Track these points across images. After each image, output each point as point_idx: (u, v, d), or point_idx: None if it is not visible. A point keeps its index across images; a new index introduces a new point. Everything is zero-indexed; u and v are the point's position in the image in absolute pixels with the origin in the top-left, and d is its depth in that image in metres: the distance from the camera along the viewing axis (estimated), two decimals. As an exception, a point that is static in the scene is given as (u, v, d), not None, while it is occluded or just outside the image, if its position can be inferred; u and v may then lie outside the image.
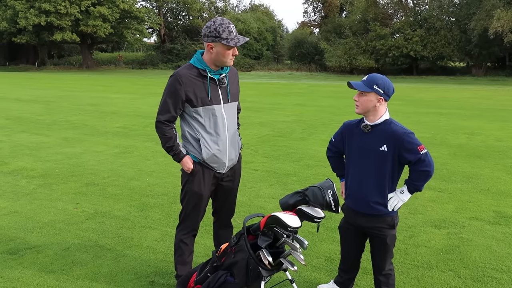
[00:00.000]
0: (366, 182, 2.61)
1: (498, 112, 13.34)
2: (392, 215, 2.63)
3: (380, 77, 2.55)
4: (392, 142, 2.51)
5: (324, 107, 14.37)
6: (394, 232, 2.67)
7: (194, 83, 2.68)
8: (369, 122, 2.59)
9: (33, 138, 8.61)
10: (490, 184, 5.60)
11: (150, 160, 6.83)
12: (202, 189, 2.83)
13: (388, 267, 2.75)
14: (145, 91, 21.19)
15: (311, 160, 6.91)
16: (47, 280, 3.15)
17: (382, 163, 2.55)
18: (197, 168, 2.79)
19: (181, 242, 2.96)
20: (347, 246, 2.89)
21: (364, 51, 39.13)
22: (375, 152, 2.55)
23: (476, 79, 32.96)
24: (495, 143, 8.33)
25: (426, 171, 2.49)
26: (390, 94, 2.55)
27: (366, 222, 2.67)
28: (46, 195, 5.06)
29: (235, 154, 2.90)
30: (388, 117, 2.59)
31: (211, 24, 2.59)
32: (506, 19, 29.45)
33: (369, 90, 2.51)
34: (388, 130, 2.54)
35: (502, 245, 3.78)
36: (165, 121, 2.73)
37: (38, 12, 40.85)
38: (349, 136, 2.72)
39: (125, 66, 51.05)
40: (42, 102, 15.30)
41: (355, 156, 2.66)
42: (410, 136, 2.51)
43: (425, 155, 2.48)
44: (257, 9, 58.44)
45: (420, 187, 2.56)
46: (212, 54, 2.64)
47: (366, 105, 2.54)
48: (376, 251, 2.73)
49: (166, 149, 2.79)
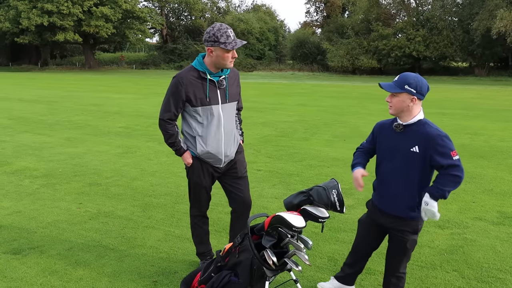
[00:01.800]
0: (394, 182, 2.57)
1: (501, 112, 13.29)
2: (417, 220, 2.57)
3: (412, 76, 2.47)
4: (424, 143, 2.43)
5: (326, 107, 14.36)
6: (415, 237, 2.63)
7: (194, 84, 2.90)
8: (402, 122, 2.52)
9: (36, 138, 8.63)
10: (494, 185, 5.58)
11: (153, 160, 6.84)
12: (202, 180, 3.10)
13: (402, 270, 2.71)
14: (148, 91, 21.21)
15: (314, 160, 6.90)
16: (50, 280, 3.15)
17: (412, 164, 2.48)
18: (195, 162, 3.06)
19: (194, 224, 3.30)
20: (363, 240, 2.85)
21: (366, 51, 39.08)
22: (406, 153, 2.49)
23: (479, 79, 32.86)
24: (498, 143, 8.30)
25: (457, 176, 2.39)
26: (424, 93, 2.46)
27: (390, 223, 2.63)
28: (49, 195, 5.07)
29: (231, 151, 3.09)
30: (422, 117, 2.51)
31: (210, 30, 2.80)
32: (509, 19, 29.35)
33: (400, 90, 2.44)
34: (422, 131, 2.46)
35: (506, 246, 3.77)
36: (168, 119, 2.98)
37: (40, 13, 40.96)
38: (380, 135, 2.67)
39: (127, 66, 51.13)
40: (44, 102, 15.34)
41: (386, 155, 2.61)
42: (444, 139, 2.41)
43: (458, 161, 2.39)
44: (259, 9, 58.45)
45: (446, 193, 2.41)
46: (213, 57, 2.84)
47: (399, 106, 2.47)
48: (393, 253, 2.69)
49: (168, 144, 3.05)
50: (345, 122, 11.02)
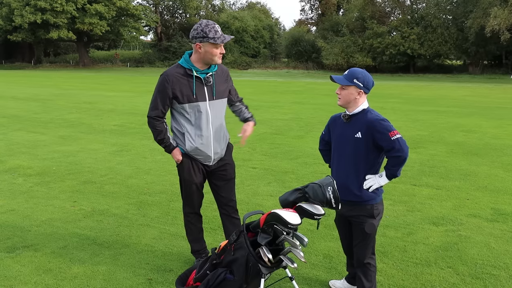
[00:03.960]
0: (345, 170, 2.71)
1: (495, 110, 13.38)
2: (371, 204, 2.66)
3: (360, 71, 2.66)
4: (365, 129, 2.61)
5: (321, 105, 14.37)
6: (373, 222, 2.67)
7: (180, 81, 2.92)
8: (348, 112, 2.71)
9: (30, 136, 8.56)
10: (488, 182, 5.61)
11: (148, 158, 6.81)
12: (192, 177, 3.10)
13: (367, 260, 2.72)
14: (142, 89, 21.12)
15: (309, 158, 6.91)
16: (44, 279, 3.13)
17: (357, 150, 2.65)
18: (185, 159, 3.07)
19: (188, 222, 3.29)
20: (342, 238, 2.95)
21: (361, 49, 39.14)
22: (351, 140, 2.66)
23: (473, 77, 33.04)
24: (492, 140, 8.36)
25: (398, 156, 2.56)
26: (369, 87, 2.67)
27: (348, 210, 2.73)
28: (43, 193, 5.03)
29: (221, 148, 3.11)
30: (366, 107, 2.69)
31: (197, 26, 2.84)
32: (502, 17, 29.52)
33: (349, 83, 2.63)
34: (364, 118, 2.65)
35: (500, 242, 3.79)
36: (155, 116, 3.02)
37: (34, 10, 40.60)
38: (333, 128, 2.85)
39: (122, 64, 50.85)
40: (38, 100, 15.22)
41: (336, 145, 2.79)
42: (381, 122, 2.59)
43: (396, 141, 2.54)
44: (254, 7, 58.31)
45: (395, 172, 2.60)
46: (201, 53, 2.87)
47: (347, 98, 2.66)
48: (355, 241, 2.76)
49: (157, 141, 3.08)
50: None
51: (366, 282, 2.73)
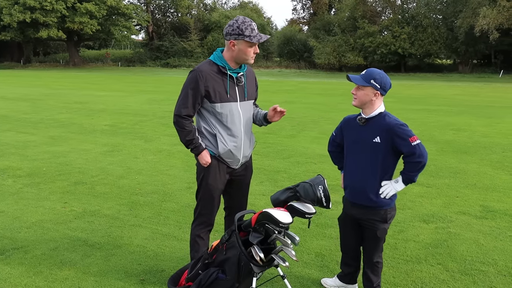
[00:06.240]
0: (361, 174, 2.67)
1: (484, 108, 13.55)
2: (385, 209, 2.67)
3: (378, 72, 2.60)
4: (384, 133, 2.57)
5: (313, 104, 14.42)
6: (385, 226, 2.72)
7: (214, 79, 2.72)
8: (364, 115, 2.65)
9: (19, 137, 8.47)
10: (477, 179, 5.68)
11: (139, 158, 6.78)
12: (218, 182, 2.87)
13: (376, 259, 2.81)
14: (134, 88, 21.00)
15: (301, 157, 6.93)
16: (35, 281, 3.10)
17: (376, 155, 2.60)
18: (213, 161, 2.82)
19: (197, 237, 2.98)
20: (345, 237, 2.94)
21: (352, 49, 39.35)
22: (369, 144, 2.61)
23: (463, 76, 33.42)
24: (481, 139, 8.46)
25: (418, 162, 2.53)
26: (386, 89, 2.61)
27: (360, 213, 2.73)
28: (33, 195, 4.98)
29: (249, 151, 2.95)
30: (383, 110, 2.64)
31: (233, 23, 2.66)
32: (491, 17, 29.89)
33: (366, 84, 2.57)
34: (382, 122, 2.59)
35: (488, 239, 3.85)
36: (185, 115, 2.75)
37: (22, 9, 40.11)
38: (346, 130, 2.79)
39: (113, 64, 50.47)
40: (28, 100, 15.05)
41: (351, 148, 2.74)
42: (402, 127, 2.55)
43: (417, 146, 2.52)
44: (246, 6, 58.26)
45: (413, 177, 2.59)
46: (234, 51, 2.70)
47: (363, 99, 2.60)
48: (366, 242, 2.80)
49: (185, 142, 2.80)
50: (332, 119, 11.09)
51: (374, 277, 2.84)
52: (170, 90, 19.69)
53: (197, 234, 2.97)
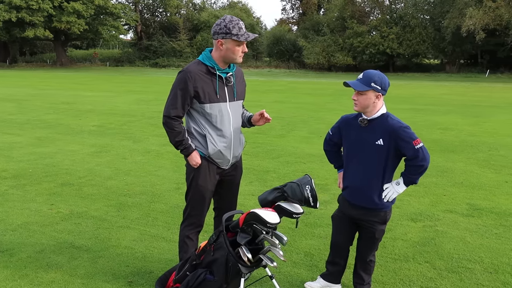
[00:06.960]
0: (362, 176, 2.66)
1: (471, 108, 13.74)
2: (385, 210, 2.68)
3: (376, 73, 2.57)
4: (388, 136, 2.55)
5: (303, 104, 14.46)
6: (383, 227, 2.75)
7: (203, 79, 2.71)
8: (366, 117, 2.62)
9: (5, 138, 8.32)
10: (464, 178, 5.76)
11: (128, 159, 6.72)
12: (208, 183, 2.86)
13: (370, 258, 2.86)
14: (122, 88, 20.81)
15: (291, 157, 6.95)
16: (20, 284, 3.05)
17: (378, 157, 2.59)
18: (203, 162, 2.82)
19: (187, 238, 2.95)
20: (338, 235, 2.93)
21: (341, 48, 39.57)
22: (372, 146, 2.59)
23: (450, 75, 33.84)
24: (468, 138, 8.58)
25: (420, 165, 2.53)
26: (387, 89, 2.58)
27: (360, 214, 2.73)
28: (19, 197, 4.90)
29: (239, 152, 2.94)
30: (385, 111, 2.63)
31: (221, 22, 2.64)
32: (477, 17, 30.33)
33: (367, 88, 2.53)
34: (385, 124, 2.57)
35: (475, 237, 3.90)
36: (174, 116, 2.74)
37: (8, 8, 39.45)
38: (346, 130, 2.76)
39: (101, 64, 49.95)
40: (13, 101, 14.81)
41: (352, 149, 2.71)
42: (406, 130, 2.54)
43: (420, 150, 2.51)
44: (235, 6, 58.16)
45: (415, 180, 2.59)
46: (222, 51, 2.68)
47: (365, 103, 2.57)
48: (363, 242, 2.82)
49: (175, 143, 2.79)
50: (322, 118, 11.14)
51: (366, 276, 2.89)
52: (159, 90, 19.56)
53: (186, 235, 2.95)
